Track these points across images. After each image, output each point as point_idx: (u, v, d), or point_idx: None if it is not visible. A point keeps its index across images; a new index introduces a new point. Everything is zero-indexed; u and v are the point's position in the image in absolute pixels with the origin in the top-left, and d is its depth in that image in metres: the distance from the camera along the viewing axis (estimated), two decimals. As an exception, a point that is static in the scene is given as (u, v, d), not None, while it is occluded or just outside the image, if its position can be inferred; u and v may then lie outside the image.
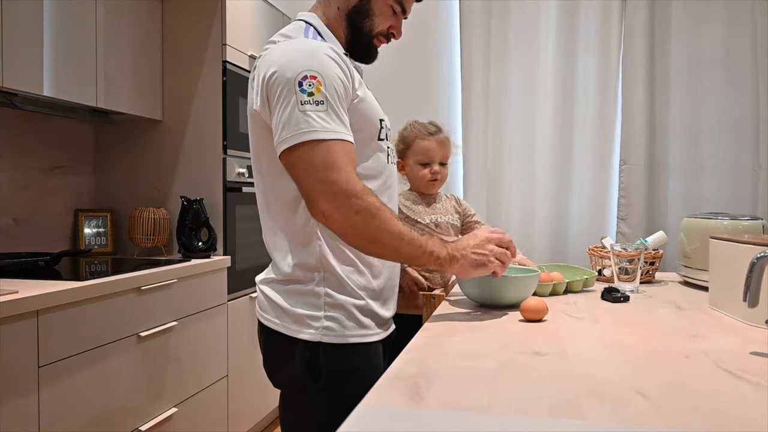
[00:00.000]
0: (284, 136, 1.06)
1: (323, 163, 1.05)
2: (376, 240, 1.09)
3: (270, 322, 1.18)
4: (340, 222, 1.07)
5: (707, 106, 3.00)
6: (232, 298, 2.51)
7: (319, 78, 1.07)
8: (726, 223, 1.62)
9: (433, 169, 1.72)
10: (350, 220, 1.06)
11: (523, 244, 3.17)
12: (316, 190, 1.06)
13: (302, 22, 1.23)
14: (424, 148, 1.71)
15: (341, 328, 1.14)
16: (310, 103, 1.06)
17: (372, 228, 1.08)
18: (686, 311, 1.34)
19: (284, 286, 1.17)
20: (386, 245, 1.10)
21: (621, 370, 0.87)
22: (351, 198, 1.05)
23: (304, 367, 1.14)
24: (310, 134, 1.05)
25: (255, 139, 1.20)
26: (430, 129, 1.73)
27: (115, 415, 1.83)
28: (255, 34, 2.73)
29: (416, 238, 1.13)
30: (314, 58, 1.09)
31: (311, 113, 1.05)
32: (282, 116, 1.07)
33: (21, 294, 1.51)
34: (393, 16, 1.27)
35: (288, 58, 1.09)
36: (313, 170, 1.05)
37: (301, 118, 1.05)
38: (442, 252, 1.16)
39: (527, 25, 3.16)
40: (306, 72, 1.07)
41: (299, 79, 1.06)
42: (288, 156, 1.07)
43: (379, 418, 0.69)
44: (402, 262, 1.16)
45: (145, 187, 2.56)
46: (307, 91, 1.06)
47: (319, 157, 1.05)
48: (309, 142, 1.05)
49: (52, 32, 1.97)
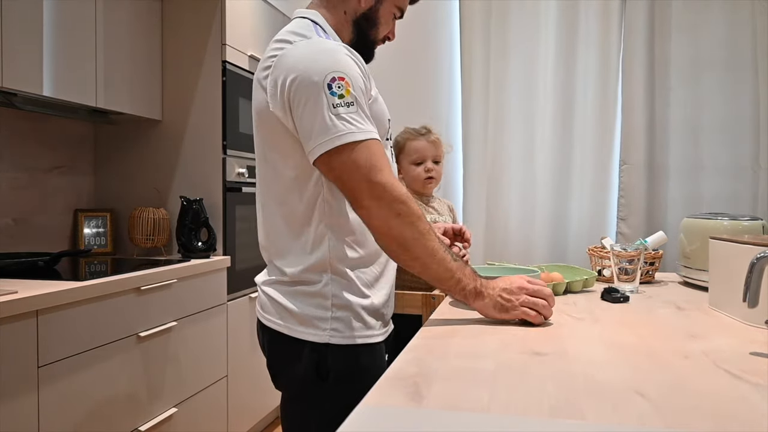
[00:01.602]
0: (321, 140, 1.05)
1: (367, 165, 1.06)
2: (409, 248, 1.09)
3: (274, 324, 1.17)
4: (379, 220, 1.07)
5: (707, 106, 3.00)
6: (232, 299, 2.51)
7: (347, 79, 1.07)
8: (726, 224, 1.62)
9: (427, 167, 1.77)
10: (390, 221, 1.07)
11: (523, 244, 3.17)
12: (361, 188, 1.06)
13: (307, 20, 1.20)
14: (415, 148, 1.78)
15: (348, 328, 1.14)
16: (342, 105, 1.05)
17: (407, 235, 1.08)
18: (686, 311, 1.34)
19: (290, 288, 1.16)
20: (416, 257, 1.09)
21: (621, 370, 0.87)
22: (395, 201, 1.07)
23: (311, 368, 1.13)
24: (348, 137, 1.05)
25: (266, 139, 1.16)
26: (420, 131, 1.79)
27: (115, 415, 1.83)
28: (255, 34, 2.73)
29: (448, 260, 1.11)
30: (338, 59, 1.08)
31: (345, 115, 1.05)
32: (314, 120, 1.05)
33: (20, 294, 1.51)
34: (392, 21, 1.28)
35: (311, 59, 1.07)
36: (358, 171, 1.06)
37: (336, 121, 1.05)
38: (469, 284, 1.13)
39: (527, 25, 3.16)
40: (333, 74, 1.06)
41: (328, 82, 1.05)
42: (327, 159, 1.06)
43: (379, 418, 0.69)
44: (427, 279, 1.13)
45: (144, 187, 2.56)
46: (337, 93, 1.05)
47: (362, 158, 1.06)
48: (348, 144, 1.05)
49: (52, 32, 1.97)
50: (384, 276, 1.22)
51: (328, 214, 1.14)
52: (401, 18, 1.30)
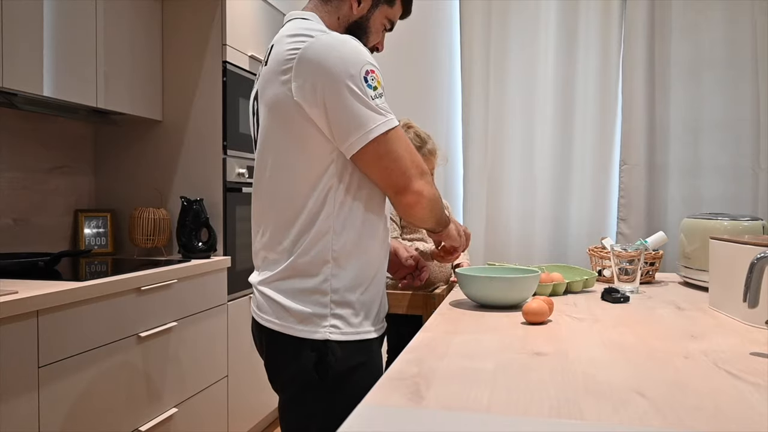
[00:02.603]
0: (368, 128, 1.09)
1: (407, 150, 1.14)
2: (436, 209, 1.22)
3: (271, 323, 1.17)
4: (429, 196, 1.17)
5: (707, 106, 3.00)
6: (232, 299, 2.51)
7: (376, 71, 1.12)
8: (726, 224, 1.62)
9: None
10: (434, 192, 1.19)
11: (523, 244, 3.17)
12: (410, 174, 1.14)
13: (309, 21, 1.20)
14: None
15: (347, 325, 1.14)
16: (377, 96, 1.11)
17: (437, 199, 1.21)
18: (686, 312, 1.34)
19: (287, 285, 1.16)
20: (439, 212, 1.25)
21: (621, 370, 0.87)
22: (427, 175, 1.17)
23: (311, 366, 1.13)
24: (386, 125, 1.11)
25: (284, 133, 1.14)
26: (416, 142, 1.75)
27: (115, 416, 1.83)
28: (255, 34, 2.74)
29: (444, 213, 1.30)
30: (364, 51, 1.13)
31: (382, 106, 1.11)
32: (355, 113, 1.08)
33: (21, 294, 1.51)
34: (382, 32, 1.31)
35: (344, 54, 1.09)
36: (401, 157, 1.13)
37: (376, 111, 1.10)
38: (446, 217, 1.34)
39: (527, 25, 3.16)
40: (366, 66, 1.10)
41: (363, 75, 1.09)
42: (375, 147, 1.10)
43: (379, 418, 0.69)
44: (438, 224, 1.29)
45: (145, 188, 2.56)
46: (372, 85, 1.10)
47: (402, 145, 1.13)
48: (387, 132, 1.10)
49: (52, 32, 1.98)
50: (378, 274, 1.23)
51: (338, 209, 1.14)
52: (390, 31, 1.33)
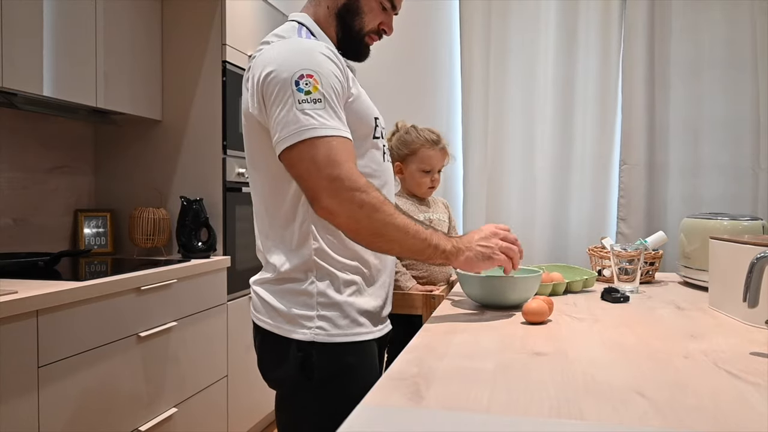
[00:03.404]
0: (283, 135, 1.06)
1: (325, 160, 1.04)
2: (381, 234, 1.09)
3: (263, 323, 1.19)
4: (344, 217, 1.06)
5: (707, 106, 3.00)
6: (232, 299, 2.51)
7: (316, 76, 1.07)
8: (726, 224, 1.62)
9: (433, 177, 1.77)
10: (355, 214, 1.06)
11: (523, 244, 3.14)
12: (319, 186, 1.05)
13: (294, 22, 1.23)
14: (429, 157, 1.75)
15: (334, 327, 1.14)
16: (307, 102, 1.06)
17: (377, 222, 1.07)
18: (686, 311, 1.34)
19: (278, 287, 1.17)
20: (391, 239, 1.10)
21: (621, 370, 0.87)
22: (354, 192, 1.05)
23: (297, 367, 1.14)
24: (309, 132, 1.05)
25: (250, 139, 1.19)
26: (433, 137, 1.76)
27: (115, 415, 1.83)
28: (255, 34, 2.73)
29: (421, 231, 1.12)
30: (310, 57, 1.09)
31: (309, 111, 1.05)
32: (280, 116, 1.06)
33: (21, 294, 1.51)
34: (383, 13, 1.26)
35: (283, 58, 1.09)
36: (315, 167, 1.04)
37: (300, 116, 1.05)
38: (447, 245, 1.15)
39: (527, 25, 3.16)
40: (302, 71, 1.07)
41: (296, 79, 1.06)
42: (288, 155, 1.07)
43: (379, 418, 0.69)
44: (407, 256, 1.16)
45: (144, 188, 2.56)
46: (304, 89, 1.06)
47: (320, 155, 1.04)
48: (309, 140, 1.04)
49: (52, 32, 1.97)
50: (374, 275, 1.22)
51: (311, 213, 1.13)
52: (395, 11, 1.28)
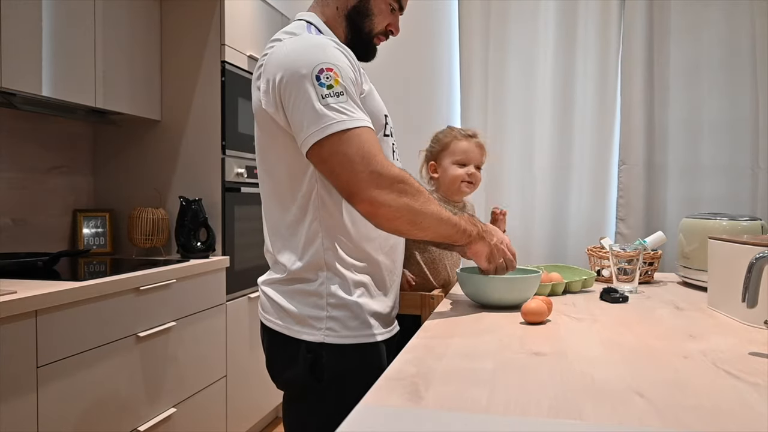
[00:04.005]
0: (311, 130, 1.04)
1: (359, 152, 1.04)
2: (419, 222, 1.10)
3: (272, 324, 1.18)
4: (386, 208, 1.06)
5: (706, 106, 3.00)
6: (231, 299, 2.51)
7: (335, 69, 1.06)
8: (725, 224, 1.62)
9: (470, 171, 1.66)
10: (396, 204, 1.06)
11: (522, 244, 3.17)
12: (359, 179, 1.04)
13: (303, 21, 1.22)
14: (462, 149, 1.66)
15: (344, 328, 1.14)
16: (331, 96, 1.04)
17: (416, 211, 1.09)
18: (685, 311, 1.34)
19: (287, 287, 1.17)
20: (426, 227, 1.12)
21: (620, 370, 0.87)
22: (395, 183, 1.06)
23: (307, 368, 1.14)
24: (338, 125, 1.04)
25: (263, 139, 1.18)
26: (469, 132, 1.71)
27: (114, 416, 1.83)
28: (254, 34, 2.73)
29: (451, 217, 1.16)
30: (326, 52, 1.08)
31: (334, 105, 1.04)
32: (304, 113, 1.05)
33: (20, 294, 1.50)
34: (391, 14, 1.27)
35: (298, 54, 1.08)
36: (350, 161, 1.04)
37: (326, 111, 1.04)
38: (473, 230, 1.20)
39: (526, 25, 3.16)
40: (321, 65, 1.06)
41: (316, 73, 1.05)
42: (318, 151, 1.05)
43: (378, 418, 0.69)
44: (437, 240, 1.18)
45: (143, 188, 2.56)
46: (326, 84, 1.05)
47: (353, 147, 1.04)
48: (338, 133, 1.03)
49: (51, 32, 1.97)
50: (383, 276, 1.22)
51: (322, 212, 1.14)
52: (401, 11, 1.28)
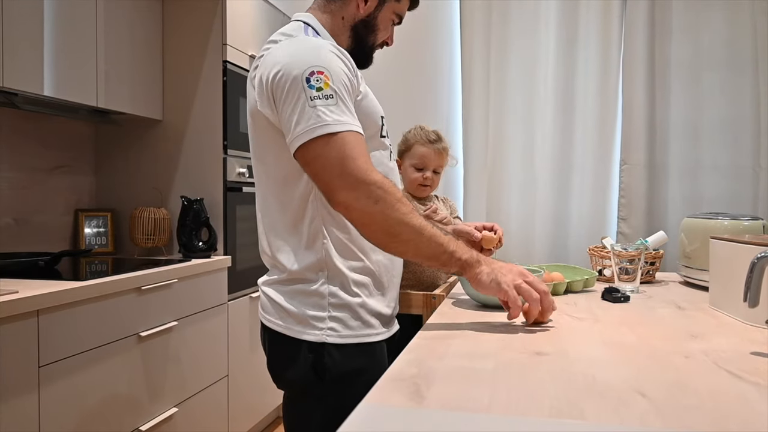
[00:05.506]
0: (297, 132, 1.05)
1: (339, 155, 1.03)
2: (396, 234, 1.05)
3: (273, 324, 1.18)
4: (359, 212, 1.04)
5: (707, 106, 3.00)
6: (233, 298, 2.51)
7: (326, 72, 1.06)
8: (726, 223, 1.62)
9: (425, 175, 1.78)
10: (370, 209, 1.04)
11: (524, 244, 3.17)
12: (335, 182, 1.04)
13: (300, 22, 1.23)
14: (420, 154, 1.77)
15: (345, 328, 1.14)
16: (319, 98, 1.05)
17: (392, 220, 1.04)
18: (686, 311, 1.34)
19: (288, 287, 1.17)
20: (406, 240, 1.06)
21: (621, 370, 0.87)
22: (370, 186, 1.03)
23: (308, 368, 1.14)
24: (323, 128, 1.04)
25: (258, 138, 1.19)
26: (431, 137, 1.78)
27: (116, 415, 1.83)
28: (255, 33, 2.73)
29: (438, 235, 1.08)
30: (319, 54, 1.09)
31: (322, 108, 1.04)
32: (293, 114, 1.06)
33: (21, 294, 1.51)
34: (391, 27, 1.30)
35: (292, 56, 1.09)
36: (330, 163, 1.03)
37: (312, 113, 1.04)
38: (465, 254, 1.10)
39: (527, 25, 3.16)
40: (312, 68, 1.06)
41: (306, 75, 1.05)
42: (303, 152, 1.06)
43: (379, 418, 0.69)
44: (422, 260, 1.10)
45: (145, 187, 2.56)
46: (315, 86, 1.05)
47: (335, 150, 1.03)
48: (323, 136, 1.04)
49: (53, 32, 1.97)
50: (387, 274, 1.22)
51: (321, 212, 1.14)
52: (399, 24, 1.31)
